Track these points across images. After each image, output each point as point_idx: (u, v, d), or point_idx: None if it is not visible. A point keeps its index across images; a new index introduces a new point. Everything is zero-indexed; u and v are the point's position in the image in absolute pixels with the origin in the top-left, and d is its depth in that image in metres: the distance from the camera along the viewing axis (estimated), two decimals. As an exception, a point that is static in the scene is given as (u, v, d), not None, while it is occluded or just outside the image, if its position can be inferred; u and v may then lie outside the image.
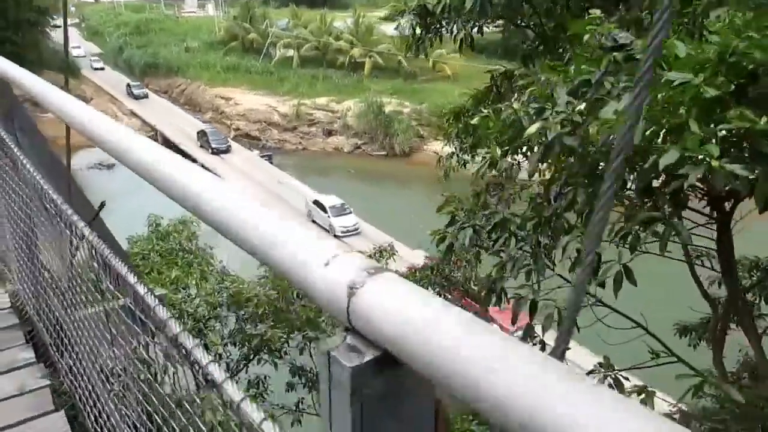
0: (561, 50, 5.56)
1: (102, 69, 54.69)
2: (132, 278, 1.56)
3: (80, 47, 59.53)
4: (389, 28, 56.67)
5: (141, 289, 1.47)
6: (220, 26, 59.32)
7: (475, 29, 6.00)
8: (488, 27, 6.44)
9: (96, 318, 2.24)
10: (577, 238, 3.22)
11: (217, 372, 1.04)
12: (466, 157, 6.81)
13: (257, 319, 5.81)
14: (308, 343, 6.69)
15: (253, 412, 0.92)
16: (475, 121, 4.17)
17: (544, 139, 3.18)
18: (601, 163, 3.20)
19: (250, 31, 52.46)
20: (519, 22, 5.61)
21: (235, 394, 0.97)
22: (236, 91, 45.54)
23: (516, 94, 5.81)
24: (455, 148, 6.92)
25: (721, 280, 4.79)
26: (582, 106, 3.23)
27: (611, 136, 2.83)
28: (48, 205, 2.18)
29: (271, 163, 35.99)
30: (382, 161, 37.93)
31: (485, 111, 5.63)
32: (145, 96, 47.21)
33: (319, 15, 53.11)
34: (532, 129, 3.22)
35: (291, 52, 49.02)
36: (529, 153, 3.93)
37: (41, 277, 2.53)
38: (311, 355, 6.80)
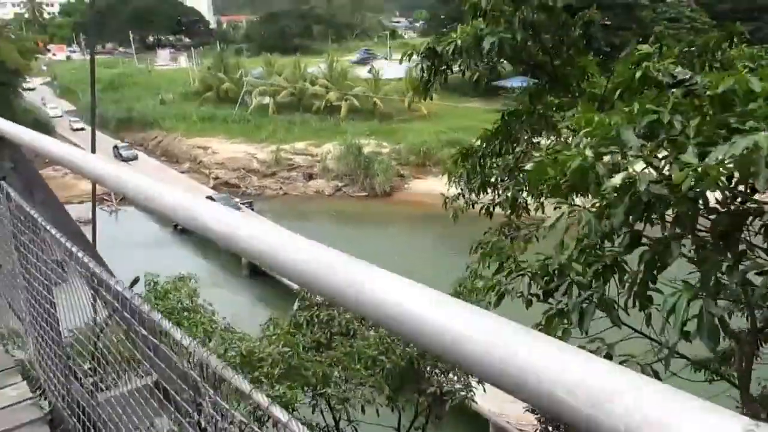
0: (569, 88, 5.57)
1: (82, 129, 50.33)
2: (199, 350, 1.41)
3: (57, 107, 59.19)
4: (362, 71, 57.91)
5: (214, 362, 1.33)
6: (194, 77, 59.79)
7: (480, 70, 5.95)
8: (502, 67, 6.37)
9: (130, 396, 2.06)
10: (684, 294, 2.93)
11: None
12: (473, 197, 6.68)
13: (272, 379, 5.55)
14: (323, 401, 6.42)
15: None
16: (529, 167, 3.90)
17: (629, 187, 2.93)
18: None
19: (225, 81, 52.90)
20: (528, 61, 5.63)
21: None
22: (213, 141, 45.51)
23: (527, 134, 5.82)
24: (461, 189, 6.80)
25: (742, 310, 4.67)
26: (652, 148, 3.01)
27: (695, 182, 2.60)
28: (79, 269, 2.02)
29: (252, 209, 35.72)
30: (364, 202, 37.93)
31: (489, 151, 5.61)
32: (135, 158, 44.45)
33: (292, 61, 53.88)
34: (616, 180, 2.93)
35: (267, 99, 49.45)
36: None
37: (61, 352, 2.34)
38: (322, 413, 6.53)
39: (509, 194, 5.04)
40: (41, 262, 2.27)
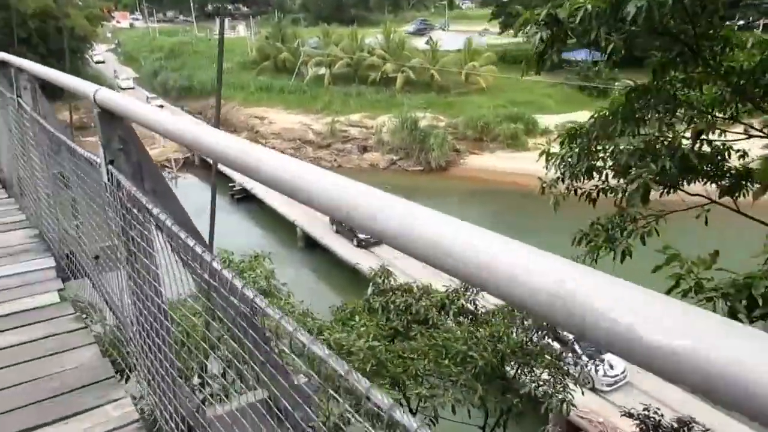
0: (703, 60, 4.90)
1: (161, 107, 53.90)
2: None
3: (129, 78, 60.07)
4: (419, 42, 56.74)
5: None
6: (252, 47, 60.03)
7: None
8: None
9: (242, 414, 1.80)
10: None
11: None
12: (575, 182, 6.06)
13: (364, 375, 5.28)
14: (412, 399, 6.12)
15: None
16: (756, 165, 3.26)
17: None
18: None
19: (282, 51, 52.85)
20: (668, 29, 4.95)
21: None
22: (270, 111, 45.73)
23: (657, 114, 5.22)
24: (561, 172, 6.18)
25: None
26: None
27: None
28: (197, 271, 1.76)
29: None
30: (419, 176, 37.45)
31: (604, 132, 5.07)
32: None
33: (349, 32, 53.25)
34: None
35: (323, 70, 49.18)
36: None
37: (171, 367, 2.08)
38: (413, 412, 6.19)
39: (639, 181, 4.48)
40: (152, 263, 2.01)
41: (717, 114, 5.63)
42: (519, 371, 6.87)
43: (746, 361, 0.47)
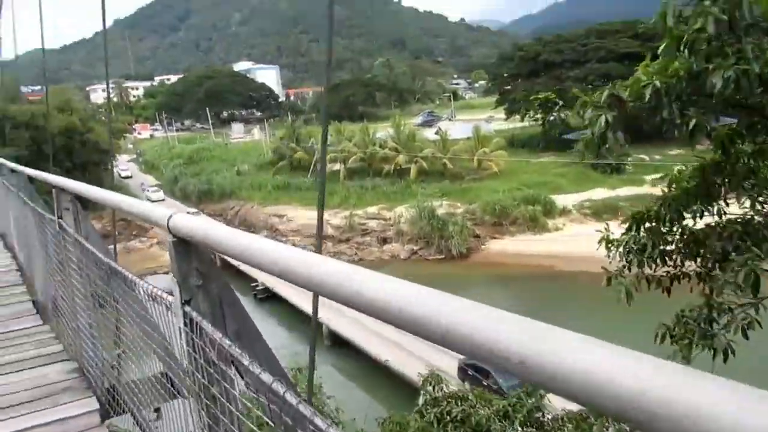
0: None
1: (162, 200, 53.51)
2: None
3: (159, 190, 60.82)
4: (428, 133, 58.36)
5: None
6: (268, 148, 62.09)
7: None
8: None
9: None
10: None
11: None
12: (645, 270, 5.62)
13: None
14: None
15: None
16: None
17: None
18: None
19: (297, 150, 54.47)
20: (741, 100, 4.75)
21: None
22: (288, 208, 46.42)
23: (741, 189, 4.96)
24: (628, 260, 5.74)
25: None
26: None
27: None
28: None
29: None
30: (441, 265, 37.11)
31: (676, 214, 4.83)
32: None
33: (360, 128, 55.03)
34: None
35: (337, 166, 50.34)
36: None
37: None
38: None
39: (744, 269, 4.11)
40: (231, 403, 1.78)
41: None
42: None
43: None
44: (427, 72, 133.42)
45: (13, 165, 7.85)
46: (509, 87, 60.80)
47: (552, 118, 55.30)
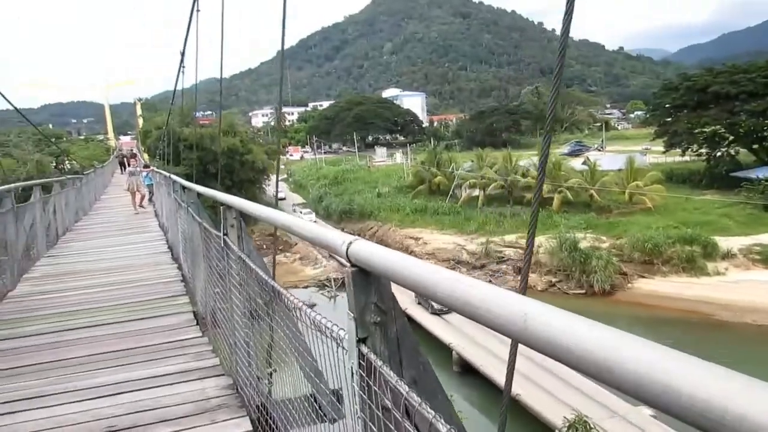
0: None
1: (315, 222, 55.87)
2: None
3: (283, 192, 67.04)
4: (575, 163, 55.81)
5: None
6: (408, 172, 63.28)
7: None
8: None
9: None
10: None
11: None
12: None
13: None
14: None
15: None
16: None
17: None
18: None
19: (437, 175, 54.84)
20: None
21: None
22: (425, 231, 46.66)
23: None
24: None
25: None
26: None
27: None
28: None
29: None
30: (581, 300, 34.87)
31: None
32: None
33: (502, 155, 54.10)
34: None
35: (477, 192, 49.84)
36: None
37: None
38: None
39: None
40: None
41: None
42: None
43: None
44: (577, 101, 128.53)
45: (184, 182, 8.48)
46: (670, 119, 56.35)
47: (719, 153, 50.29)
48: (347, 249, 1.74)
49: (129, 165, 39.35)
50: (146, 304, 6.86)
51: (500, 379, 22.70)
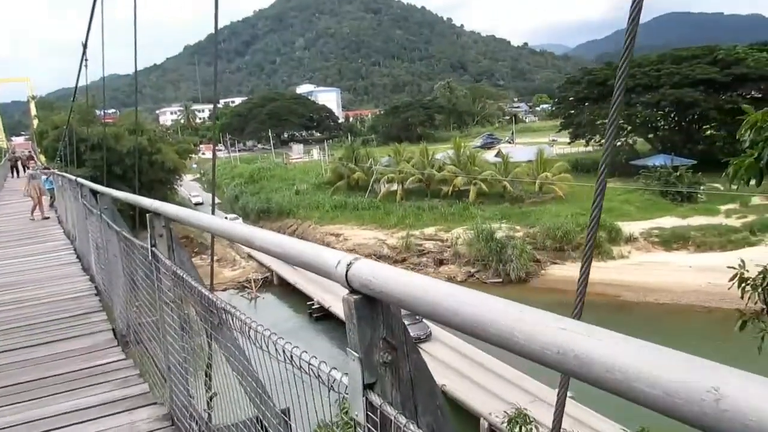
0: None
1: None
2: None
3: (200, 197, 64.68)
4: (487, 156, 57.57)
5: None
6: (326, 168, 62.80)
7: None
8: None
9: None
10: None
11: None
12: None
13: None
14: None
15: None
16: None
17: None
18: None
19: (355, 171, 54.77)
20: None
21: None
22: (345, 228, 46.50)
23: None
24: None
25: None
26: None
27: None
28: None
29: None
30: (499, 289, 36.01)
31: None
32: None
33: (419, 149, 54.87)
34: None
35: (395, 186, 50.26)
36: None
37: None
38: None
39: None
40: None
41: None
42: None
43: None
44: (487, 95, 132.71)
45: (95, 186, 7.65)
46: (574, 111, 59.39)
47: (619, 143, 53.54)
48: (347, 271, 1.38)
49: (27, 168, 36.24)
50: (56, 324, 6.11)
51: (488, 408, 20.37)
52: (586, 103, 57.05)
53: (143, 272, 4.11)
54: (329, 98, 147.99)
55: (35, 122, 67.60)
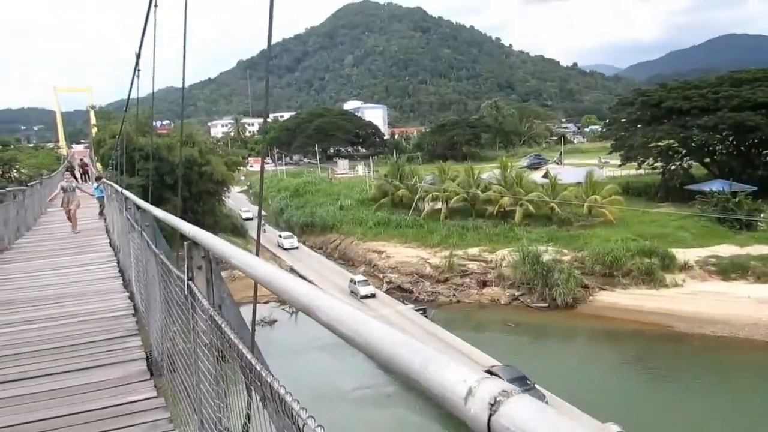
0: None
1: (296, 248, 51.37)
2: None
3: (249, 212, 65.32)
4: (534, 176, 56.37)
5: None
6: (371, 184, 62.79)
7: None
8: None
9: None
10: None
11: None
12: None
13: None
14: None
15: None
16: None
17: None
18: None
19: (400, 188, 54.52)
20: None
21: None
22: (388, 245, 46.15)
23: None
24: None
25: None
26: None
27: None
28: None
29: (426, 316, 34.50)
30: (544, 313, 34.94)
31: None
32: (296, 248, 50.45)
33: (464, 168, 54.22)
34: None
35: (439, 205, 49.71)
36: None
37: None
38: None
39: None
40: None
41: None
42: None
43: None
44: (534, 115, 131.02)
45: (139, 201, 7.44)
46: (626, 133, 57.64)
47: (673, 167, 51.64)
48: (490, 416, 0.79)
49: (87, 175, 36.96)
50: (90, 348, 5.84)
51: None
52: (639, 125, 55.27)
53: (178, 305, 3.74)
54: (376, 115, 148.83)
55: (94, 131, 70.19)
